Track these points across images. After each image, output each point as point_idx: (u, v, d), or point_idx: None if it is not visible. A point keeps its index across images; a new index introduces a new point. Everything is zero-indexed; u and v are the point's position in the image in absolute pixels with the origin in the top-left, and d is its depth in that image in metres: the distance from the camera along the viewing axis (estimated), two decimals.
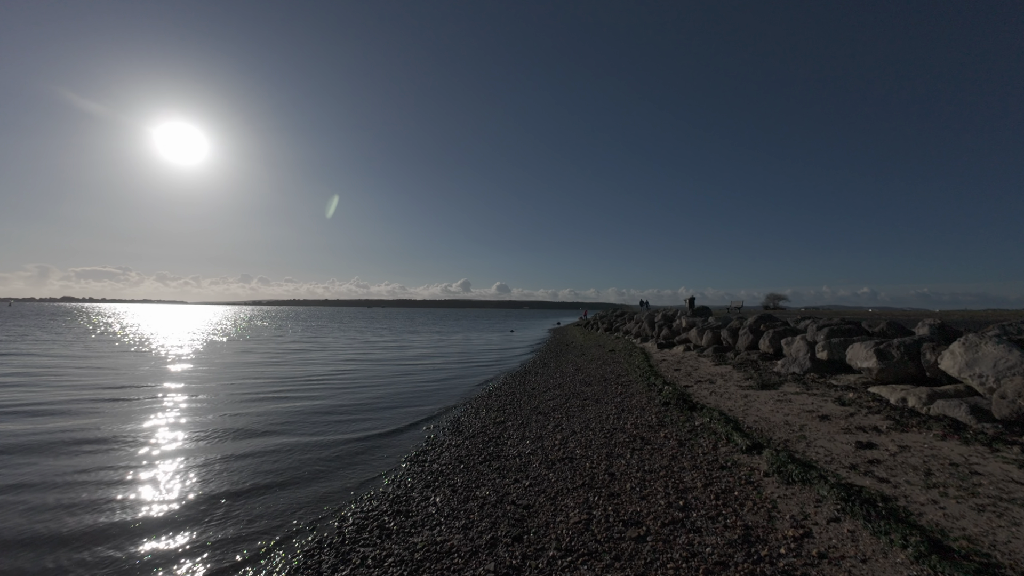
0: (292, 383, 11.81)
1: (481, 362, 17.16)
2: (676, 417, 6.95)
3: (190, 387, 11.14)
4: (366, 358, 17.95)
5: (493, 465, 5.44)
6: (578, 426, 6.93)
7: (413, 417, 8.43)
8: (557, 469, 5.14)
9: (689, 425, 6.45)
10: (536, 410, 8.23)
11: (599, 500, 4.24)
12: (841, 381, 7.98)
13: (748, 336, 13.14)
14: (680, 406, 7.48)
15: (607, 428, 6.68)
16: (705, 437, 5.87)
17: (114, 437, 6.90)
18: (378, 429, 7.54)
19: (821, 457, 4.78)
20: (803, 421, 6.09)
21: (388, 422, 8.02)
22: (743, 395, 7.99)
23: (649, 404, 8.04)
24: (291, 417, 8.29)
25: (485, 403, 9.23)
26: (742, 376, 9.72)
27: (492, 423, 7.54)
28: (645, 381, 10.24)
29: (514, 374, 13.36)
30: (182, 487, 5.12)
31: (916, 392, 6.15)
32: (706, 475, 4.65)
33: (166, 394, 10.18)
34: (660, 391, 8.83)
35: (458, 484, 4.91)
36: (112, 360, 15.79)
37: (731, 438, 5.58)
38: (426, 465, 5.65)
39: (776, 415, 6.53)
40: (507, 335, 34.63)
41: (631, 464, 5.13)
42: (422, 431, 7.42)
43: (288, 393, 10.49)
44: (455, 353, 20.35)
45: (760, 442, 5.33)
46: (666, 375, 10.93)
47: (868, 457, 4.63)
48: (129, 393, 10.19)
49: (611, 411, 7.75)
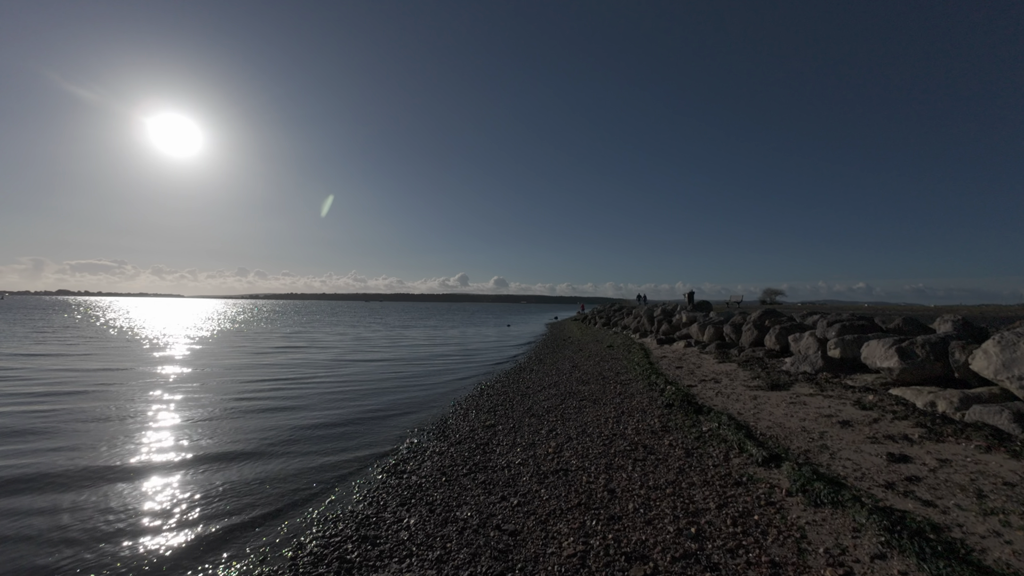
0: (269, 384, 11.16)
1: (475, 358, 16.58)
2: (681, 421, 6.37)
3: (160, 394, 10.51)
4: (355, 354, 17.33)
5: (478, 478, 4.85)
6: (574, 431, 6.34)
7: (397, 419, 7.83)
8: (550, 484, 4.55)
9: (696, 431, 5.87)
10: (529, 412, 7.65)
11: (597, 525, 3.65)
12: (858, 382, 7.41)
13: (752, 332, 12.57)
14: (685, 409, 6.91)
15: (606, 434, 6.10)
16: (714, 445, 5.29)
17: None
18: (358, 434, 6.95)
19: (850, 472, 4.20)
20: (822, 427, 5.51)
21: (369, 425, 7.42)
22: (752, 396, 7.42)
23: (651, 406, 7.47)
24: (263, 423, 7.68)
25: (475, 403, 8.64)
26: (749, 375, 9.15)
27: (481, 427, 6.96)
28: (646, 380, 9.66)
29: (508, 371, 12.78)
30: (133, 511, 4.51)
31: (946, 395, 5.58)
32: (719, 493, 4.07)
33: (140, 403, 9.55)
34: (662, 391, 8.25)
35: (437, 502, 4.32)
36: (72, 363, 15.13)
37: (744, 447, 5.00)
38: (404, 477, 5.06)
39: (791, 420, 5.95)
40: (503, 330, 34.07)
41: (633, 478, 4.54)
42: (405, 435, 6.83)
43: (263, 395, 9.85)
44: (449, 349, 19.76)
45: (777, 452, 4.75)
46: (668, 373, 10.36)
47: (904, 473, 4.05)
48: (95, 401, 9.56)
49: (610, 414, 7.17)
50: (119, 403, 8.64)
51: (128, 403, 8.65)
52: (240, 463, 5.67)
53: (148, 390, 9.90)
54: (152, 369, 12.75)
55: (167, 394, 9.55)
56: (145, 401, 8.87)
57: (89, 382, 10.69)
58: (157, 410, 8.20)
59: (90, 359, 14.45)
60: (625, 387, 9.25)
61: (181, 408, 8.40)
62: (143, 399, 9.04)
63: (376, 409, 8.52)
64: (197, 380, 11.20)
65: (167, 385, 10.52)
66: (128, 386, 10.29)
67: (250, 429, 7.13)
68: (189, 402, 8.88)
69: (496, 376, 11.97)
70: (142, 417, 7.69)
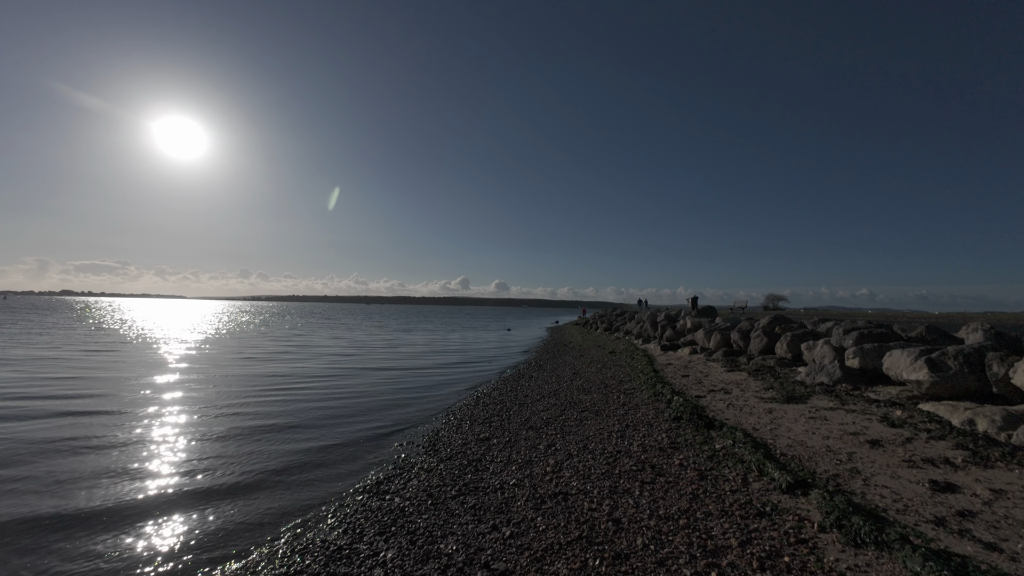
0: (258, 391, 10.66)
1: (473, 364, 16.06)
2: (691, 437, 5.85)
3: (146, 400, 10.04)
4: (351, 359, 16.83)
5: (468, 502, 4.34)
6: (575, 447, 5.83)
7: (387, 430, 7.33)
8: (547, 510, 4.04)
9: (708, 448, 5.36)
10: (527, 424, 7.14)
11: (602, 566, 3.14)
12: (881, 395, 6.88)
13: (762, 339, 12.05)
14: (695, 422, 6.39)
15: (610, 450, 5.59)
16: (730, 466, 4.77)
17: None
18: (341, 447, 6.44)
19: (889, 503, 3.68)
20: (850, 448, 4.99)
21: (355, 437, 6.91)
22: (767, 409, 6.89)
23: (657, 419, 6.95)
24: (248, 431, 7.18)
25: (470, 413, 8.13)
26: (761, 385, 8.62)
27: (475, 440, 6.45)
28: (651, 389, 9.14)
29: (507, 378, 12.26)
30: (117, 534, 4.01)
31: (986, 413, 5.06)
32: (741, 526, 3.55)
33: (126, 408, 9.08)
34: (669, 402, 7.73)
35: (420, 530, 3.81)
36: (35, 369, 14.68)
37: (764, 469, 4.49)
38: (386, 499, 4.55)
39: (813, 438, 5.43)
40: (503, 334, 33.55)
41: (641, 505, 4.03)
42: (393, 449, 6.32)
43: (250, 402, 9.35)
44: (447, 353, 19.24)
45: (803, 477, 4.23)
46: (674, 382, 9.83)
47: (954, 506, 3.53)
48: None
49: (614, 427, 6.66)
50: (75, 420, 8.16)
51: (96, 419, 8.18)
52: (206, 486, 5.17)
53: (123, 404, 9.43)
54: (129, 378, 12.29)
55: (140, 412, 9.08)
56: (118, 421, 8.40)
57: (40, 393, 10.23)
58: (128, 435, 7.71)
59: (56, 365, 14.00)
60: (629, 397, 8.73)
61: (151, 429, 7.91)
62: (118, 418, 8.56)
63: (364, 419, 8.01)
64: (178, 390, 10.73)
65: (142, 401, 10.04)
66: (100, 396, 9.82)
67: (225, 444, 6.63)
68: (161, 421, 8.40)
69: (494, 383, 11.46)
70: (118, 438, 7.21)
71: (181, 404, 8.78)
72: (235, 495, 4.78)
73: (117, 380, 11.10)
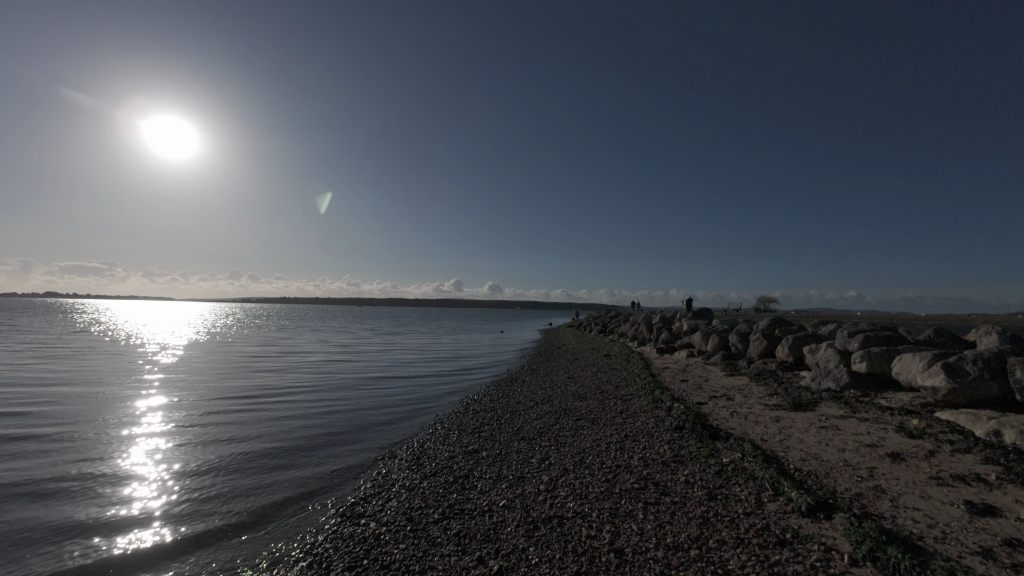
0: (233, 408, 10.03)
1: (464, 368, 15.57)
2: (696, 449, 5.43)
3: (110, 416, 9.44)
4: (336, 364, 16.26)
5: (452, 527, 3.87)
6: (571, 460, 5.38)
7: (369, 443, 6.83)
8: (541, 539, 3.58)
9: (715, 463, 4.93)
10: (519, 434, 6.68)
11: None
12: (893, 401, 6.52)
13: (761, 342, 11.71)
14: (698, 432, 5.97)
15: (608, 464, 5.15)
16: (741, 483, 4.35)
17: None
18: (316, 462, 5.93)
19: (924, 529, 3.28)
20: (869, 461, 4.59)
21: (333, 451, 6.41)
22: (774, 418, 6.50)
23: (658, 428, 6.53)
24: (219, 452, 6.65)
25: (459, 423, 7.66)
26: (764, 391, 8.24)
27: (463, 452, 5.98)
28: (649, 395, 8.73)
29: (499, 383, 11.80)
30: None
31: (1013, 423, 4.69)
32: (760, 558, 3.12)
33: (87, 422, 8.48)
34: (670, 410, 7.32)
35: (396, 563, 3.34)
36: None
37: (779, 488, 4.07)
38: (360, 524, 4.07)
39: (827, 450, 5.03)
40: (496, 336, 33.09)
41: (646, 531, 3.59)
42: (374, 464, 5.83)
43: (221, 422, 8.77)
44: (437, 357, 18.69)
45: (824, 497, 3.82)
46: (673, 388, 9.43)
47: (999, 533, 3.14)
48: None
49: (612, 437, 6.22)
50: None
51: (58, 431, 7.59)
52: (171, 526, 4.66)
53: (79, 425, 8.83)
54: (98, 389, 11.65)
55: (110, 423, 8.49)
56: (71, 447, 7.81)
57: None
58: (91, 451, 7.14)
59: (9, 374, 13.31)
60: (627, 404, 8.31)
61: (109, 461, 7.35)
62: (70, 445, 7.97)
63: (344, 432, 7.49)
64: (142, 400, 10.13)
65: (114, 413, 9.45)
66: (57, 407, 9.21)
67: (192, 476, 6.10)
68: (120, 449, 7.83)
69: (485, 389, 10.98)
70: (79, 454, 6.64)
71: (147, 426, 8.19)
72: (193, 524, 4.27)
73: (76, 396, 10.47)
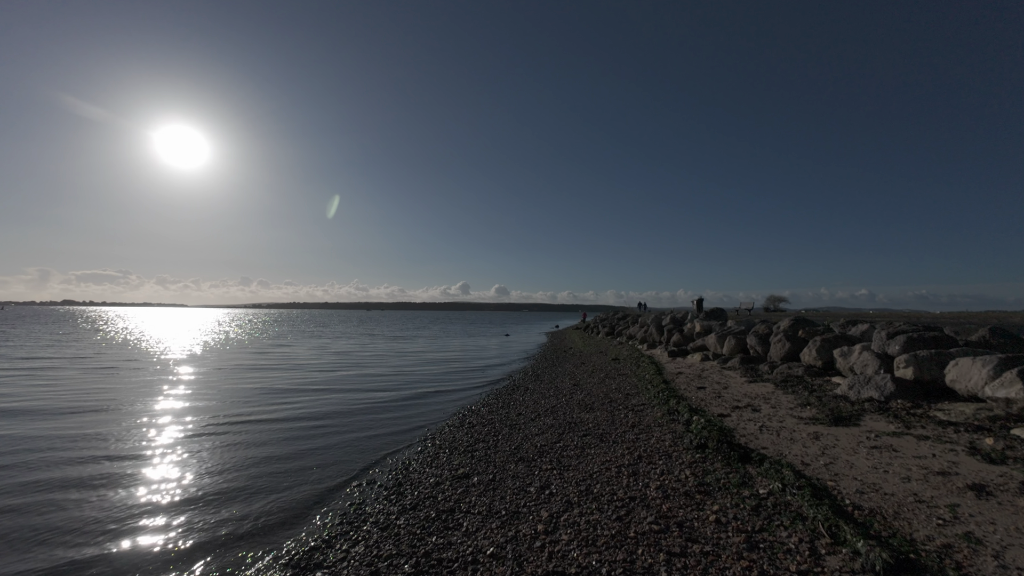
0: (215, 426, 9.37)
1: (464, 374, 14.75)
2: (723, 475, 4.57)
3: (71, 438, 8.77)
4: (329, 375, 15.51)
5: None
6: (575, 489, 4.55)
7: (349, 463, 6.03)
8: None
9: (750, 494, 4.07)
10: (517, 454, 5.85)
11: None
12: (953, 415, 5.59)
13: (784, 344, 10.76)
14: (724, 453, 5.10)
15: (620, 496, 4.30)
16: (786, 524, 3.49)
17: None
18: (288, 488, 5.14)
19: None
20: (947, 496, 3.70)
21: (309, 475, 5.62)
22: (811, 434, 5.60)
23: (676, 446, 5.66)
24: (181, 471, 5.91)
25: (452, 439, 6.85)
26: (794, 400, 7.33)
27: (451, 477, 5.17)
28: (664, 405, 7.85)
29: (500, 391, 10.97)
30: None
31: None
32: None
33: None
34: (688, 424, 6.45)
35: None
36: None
37: (839, 534, 3.21)
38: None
39: (888, 479, 4.14)
40: (501, 340, 32.28)
41: None
42: (347, 492, 5.03)
43: (194, 449, 8.06)
44: (437, 364, 17.85)
45: (903, 550, 2.95)
46: (689, 396, 8.54)
47: None
48: None
49: (623, 458, 5.37)
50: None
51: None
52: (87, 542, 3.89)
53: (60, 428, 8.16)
54: (77, 402, 11.02)
55: (76, 435, 7.81)
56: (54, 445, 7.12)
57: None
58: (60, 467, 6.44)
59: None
60: (639, 415, 7.45)
61: (82, 467, 6.64)
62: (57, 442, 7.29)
63: (325, 447, 6.73)
64: (112, 414, 9.45)
65: (84, 424, 8.77)
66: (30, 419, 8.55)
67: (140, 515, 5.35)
68: (85, 457, 7.12)
69: (484, 399, 10.15)
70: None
71: (113, 454, 7.49)
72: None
73: (45, 411, 9.83)
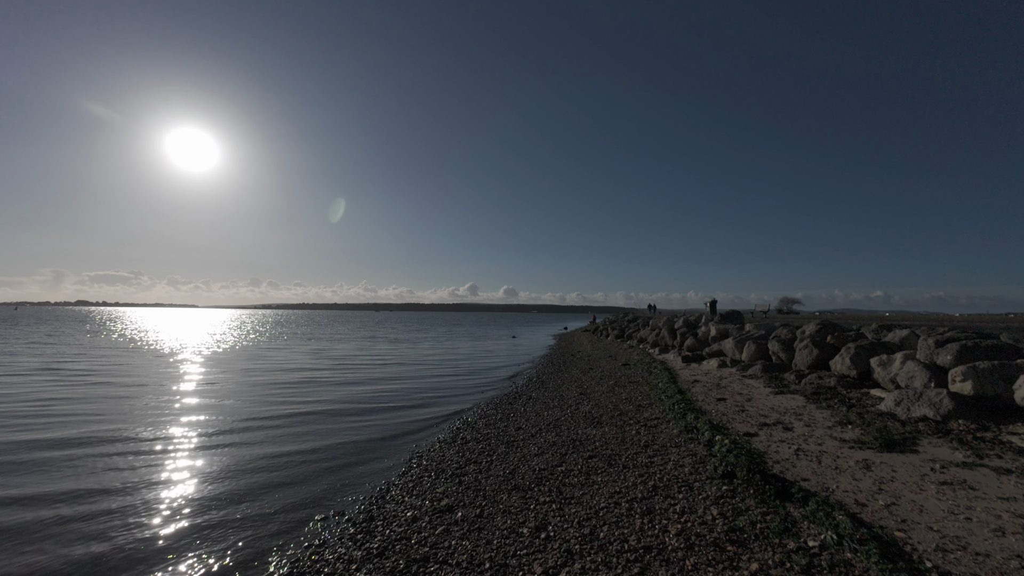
0: (174, 434, 8.66)
1: (465, 379, 13.99)
2: (759, 516, 3.72)
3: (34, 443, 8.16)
4: (320, 385, 14.82)
5: None
6: (577, 533, 3.74)
7: (317, 488, 5.30)
8: None
9: (796, 547, 3.23)
10: (511, 479, 5.06)
11: None
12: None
13: (811, 351, 9.82)
14: (756, 484, 4.25)
15: (632, 545, 3.48)
16: None
17: None
18: (237, 531, 4.39)
19: None
20: None
21: (271, 502, 4.89)
22: (860, 462, 4.72)
23: (698, 474, 4.82)
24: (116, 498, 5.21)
25: (440, 458, 6.08)
26: (831, 416, 6.43)
27: (432, 510, 4.40)
28: (680, 420, 6.99)
29: (500, 401, 10.18)
30: None
31: None
32: None
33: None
34: (710, 444, 5.59)
35: None
36: None
37: None
38: None
39: (975, 531, 3.27)
40: (508, 342, 31.50)
41: None
42: (309, 530, 4.28)
43: (165, 475, 7.38)
44: (438, 369, 17.02)
45: None
46: (709, 409, 7.67)
47: None
48: None
49: (636, 489, 4.55)
50: None
51: None
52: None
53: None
54: (41, 409, 10.46)
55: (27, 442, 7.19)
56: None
57: None
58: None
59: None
60: (652, 432, 6.61)
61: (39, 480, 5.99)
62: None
63: (299, 465, 6.00)
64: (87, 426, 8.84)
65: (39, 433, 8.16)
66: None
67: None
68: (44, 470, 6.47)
69: (483, 409, 9.36)
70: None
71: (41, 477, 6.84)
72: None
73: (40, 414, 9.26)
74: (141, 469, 5.82)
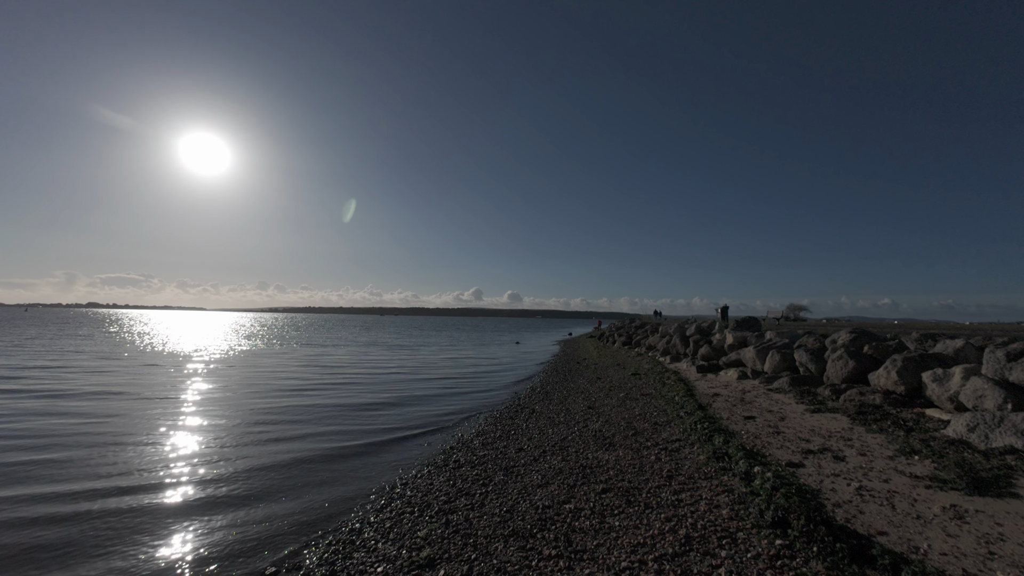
0: (143, 455, 7.84)
1: (465, 390, 13.05)
2: None
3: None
4: (306, 396, 14.00)
5: None
6: None
7: (276, 526, 4.41)
8: None
9: None
10: (508, 522, 4.13)
11: None
12: None
13: (845, 362, 8.82)
14: (820, 539, 3.31)
15: None
16: None
17: None
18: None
19: None
20: None
21: (213, 545, 4.01)
22: (947, 509, 3.76)
23: (739, 519, 3.87)
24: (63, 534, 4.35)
25: (427, 487, 5.18)
26: (886, 442, 5.45)
27: (408, 566, 3.49)
28: (707, 443, 6.04)
29: (500, 414, 9.26)
30: None
31: None
32: None
33: None
34: (748, 478, 4.65)
35: None
36: None
37: None
38: None
39: None
40: (511, 348, 30.57)
41: None
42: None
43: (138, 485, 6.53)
44: (437, 377, 16.02)
45: None
46: (736, 429, 6.71)
47: None
48: None
49: (664, 540, 3.61)
50: None
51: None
52: None
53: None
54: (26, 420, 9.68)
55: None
56: None
57: None
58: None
59: None
60: (675, 458, 5.66)
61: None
62: None
63: (260, 498, 5.12)
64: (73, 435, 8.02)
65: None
66: None
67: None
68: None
69: (481, 426, 8.43)
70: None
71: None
72: None
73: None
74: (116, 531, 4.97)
